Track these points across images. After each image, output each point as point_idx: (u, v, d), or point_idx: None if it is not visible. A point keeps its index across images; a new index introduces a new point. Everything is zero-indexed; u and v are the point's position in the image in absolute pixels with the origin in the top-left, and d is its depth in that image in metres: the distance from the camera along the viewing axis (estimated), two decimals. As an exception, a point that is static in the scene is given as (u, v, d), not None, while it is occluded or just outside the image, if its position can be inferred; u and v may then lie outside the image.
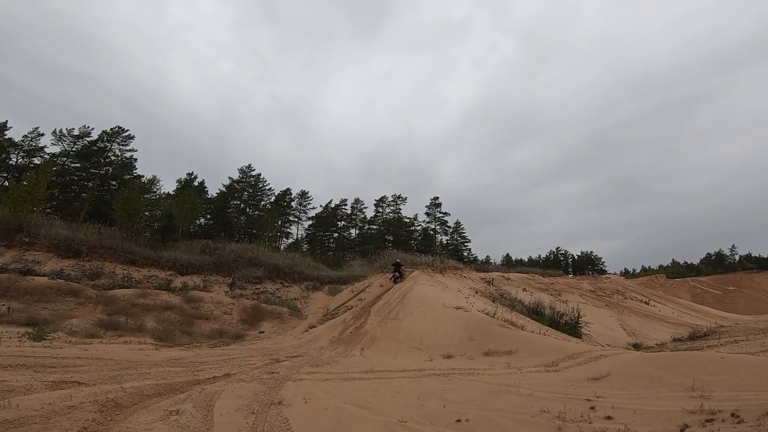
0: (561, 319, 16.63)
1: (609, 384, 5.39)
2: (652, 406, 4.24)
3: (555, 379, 6.23)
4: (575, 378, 6.07)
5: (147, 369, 6.28)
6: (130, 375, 5.68)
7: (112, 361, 6.85)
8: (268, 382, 5.85)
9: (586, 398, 4.79)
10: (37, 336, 9.52)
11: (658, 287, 46.63)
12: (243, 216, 45.53)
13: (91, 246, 19.50)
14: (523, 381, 6.23)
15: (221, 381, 5.80)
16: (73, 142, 39.62)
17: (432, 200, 53.96)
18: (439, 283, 19.77)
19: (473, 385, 6.11)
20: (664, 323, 24.80)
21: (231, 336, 14.09)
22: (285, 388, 5.43)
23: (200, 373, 6.30)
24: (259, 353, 9.88)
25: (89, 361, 6.62)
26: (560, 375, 6.56)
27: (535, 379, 6.32)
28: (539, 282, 31.28)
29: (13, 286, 14.07)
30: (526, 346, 9.71)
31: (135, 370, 6.08)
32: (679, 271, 66.46)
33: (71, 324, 12.35)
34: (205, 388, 5.26)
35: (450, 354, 9.97)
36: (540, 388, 5.53)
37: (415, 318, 13.34)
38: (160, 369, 6.37)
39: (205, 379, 5.78)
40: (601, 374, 5.82)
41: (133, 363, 6.88)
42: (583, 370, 6.58)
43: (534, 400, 4.93)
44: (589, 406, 4.44)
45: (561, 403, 4.59)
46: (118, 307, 14.60)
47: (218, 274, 21.25)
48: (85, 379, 5.21)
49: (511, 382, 6.21)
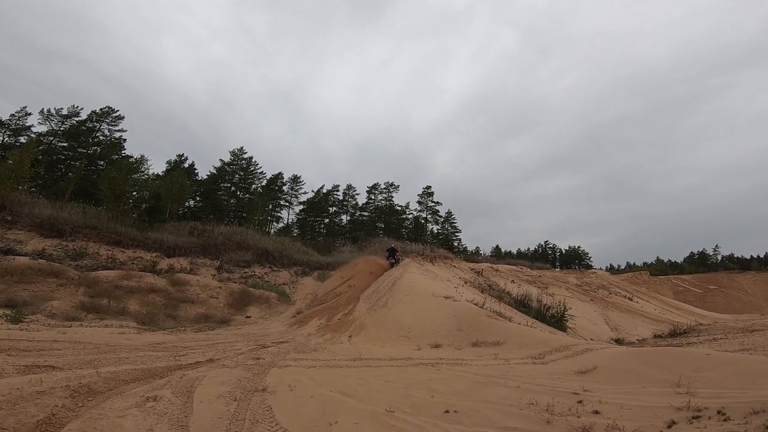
0: (547, 312, 16.75)
1: (596, 378, 5.38)
2: (639, 401, 4.22)
3: (542, 372, 6.21)
4: (562, 371, 6.06)
5: (126, 353, 6.11)
6: (107, 359, 5.51)
7: (90, 344, 6.67)
8: (253, 368, 5.73)
9: (573, 392, 4.77)
10: (15, 318, 9.25)
11: (642, 284, 47.33)
12: (233, 199, 45.01)
13: (75, 226, 19.05)
14: (511, 373, 6.20)
15: (204, 366, 5.66)
16: (61, 121, 38.65)
17: (424, 189, 53.97)
18: (428, 272, 19.76)
19: (461, 376, 6.07)
20: (646, 319, 25.20)
21: (217, 320, 13.92)
22: (270, 375, 5.31)
23: (182, 358, 6.16)
24: (244, 338, 9.75)
25: (66, 344, 6.43)
26: (547, 367, 6.55)
27: (522, 372, 6.30)
28: (527, 274, 31.51)
29: (-8, 266, 13.69)
30: (513, 337, 9.72)
31: (113, 355, 5.92)
32: (662, 268, 67.65)
33: (51, 306, 12.05)
34: (186, 373, 5.12)
35: (438, 343, 9.95)
36: (528, 381, 5.51)
37: (404, 306, 13.31)
38: (141, 353, 6.21)
39: (186, 365, 5.64)
40: (587, 368, 5.81)
41: (113, 347, 6.71)
42: (569, 363, 6.57)
43: (522, 392, 4.90)
44: (577, 399, 4.40)
45: (549, 396, 4.55)
46: (101, 289, 14.29)
47: (206, 256, 20.95)
48: (60, 364, 5.03)
49: (498, 373, 6.18)
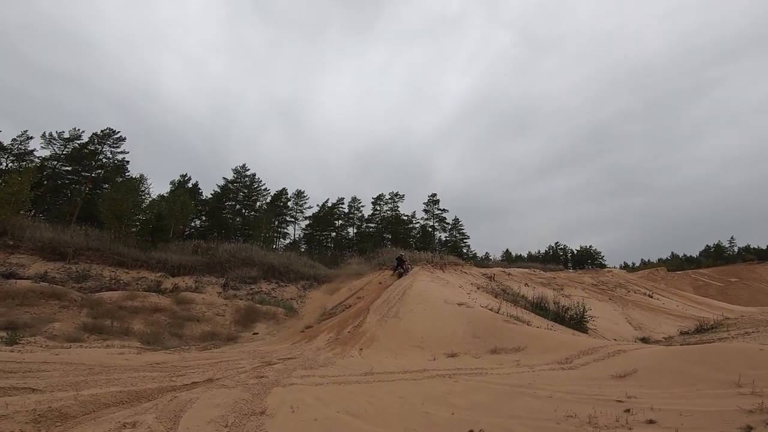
0: (566, 314, 16.05)
1: (638, 382, 4.76)
2: (698, 405, 3.61)
3: (574, 378, 5.59)
4: (597, 376, 5.44)
5: (119, 374, 5.61)
6: (96, 381, 5.01)
7: (83, 365, 6.18)
8: (254, 387, 5.19)
9: (616, 399, 4.16)
10: (9, 340, 8.84)
11: (660, 280, 46.17)
12: (239, 217, 44.84)
13: (78, 248, 18.80)
14: (538, 381, 5.60)
15: (200, 387, 5.13)
16: (63, 145, 38.80)
17: (430, 197, 53.63)
18: (439, 279, 19.13)
19: (483, 387, 5.47)
20: (669, 316, 24.36)
21: (223, 338, 13.40)
22: (271, 395, 4.76)
23: (179, 378, 5.64)
24: (250, 356, 9.22)
25: (57, 365, 5.95)
26: (578, 373, 5.92)
27: (551, 379, 5.68)
28: (541, 277, 30.72)
29: (-7, 290, 13.37)
30: (534, 342, 9.08)
31: (104, 376, 5.42)
32: (679, 263, 66.23)
33: (53, 327, 11.65)
34: (178, 395, 4.59)
35: (454, 352, 9.34)
36: (559, 389, 4.90)
37: (415, 315, 12.73)
38: (135, 374, 5.70)
39: (181, 386, 5.11)
40: (626, 371, 5.19)
41: (107, 368, 6.22)
42: (603, 367, 5.95)
43: (555, 402, 4.30)
44: (623, 408, 3.80)
45: (588, 406, 3.96)
46: (104, 310, 13.89)
47: (211, 274, 20.55)
48: (41, 386, 4.55)
49: (524, 382, 5.57)
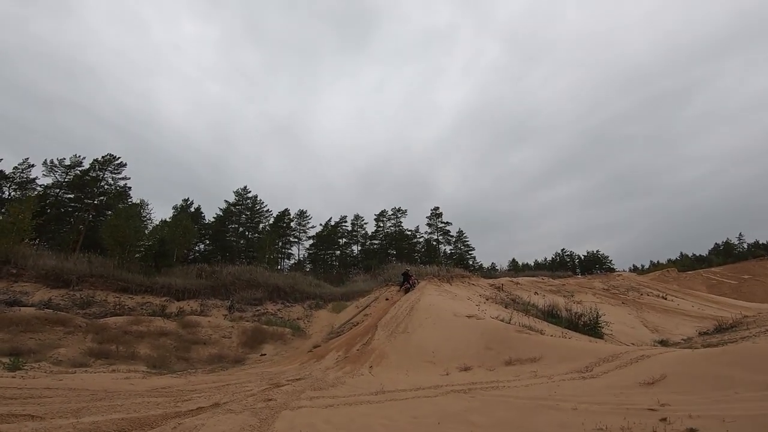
0: (579, 321, 15.67)
1: (669, 388, 4.49)
2: (740, 410, 3.35)
3: (597, 387, 5.31)
4: (623, 384, 5.16)
5: (122, 400, 5.38)
6: (98, 407, 4.79)
7: (86, 391, 5.96)
8: (261, 412, 4.94)
9: (648, 408, 3.90)
10: (13, 366, 8.64)
11: (672, 281, 45.37)
12: (242, 240, 44.64)
13: (81, 275, 18.66)
14: (560, 392, 5.32)
15: (206, 413, 4.89)
16: (65, 172, 38.90)
17: (432, 211, 53.39)
18: (447, 292, 18.83)
19: (502, 402, 5.20)
20: (686, 317, 23.83)
21: (230, 360, 13.11)
22: (279, 420, 4.52)
23: (184, 403, 5.40)
24: (258, 378, 8.94)
25: (59, 391, 5.75)
26: (601, 381, 5.64)
27: (573, 389, 5.41)
28: (550, 284, 30.29)
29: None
30: (550, 351, 8.78)
31: (107, 402, 5.19)
32: (689, 263, 65.16)
33: (58, 353, 11.47)
34: (183, 421, 4.35)
35: (467, 366, 9.05)
36: (584, 400, 4.63)
37: (425, 330, 12.44)
38: (139, 400, 5.47)
39: (186, 411, 4.87)
40: (654, 378, 4.92)
41: (111, 393, 5.99)
42: (627, 373, 5.67)
43: (582, 414, 4.03)
44: (658, 417, 3.54)
45: (619, 417, 3.70)
46: (110, 335, 13.66)
47: (216, 297, 20.32)
48: (41, 413, 4.34)
49: (545, 394, 5.30)
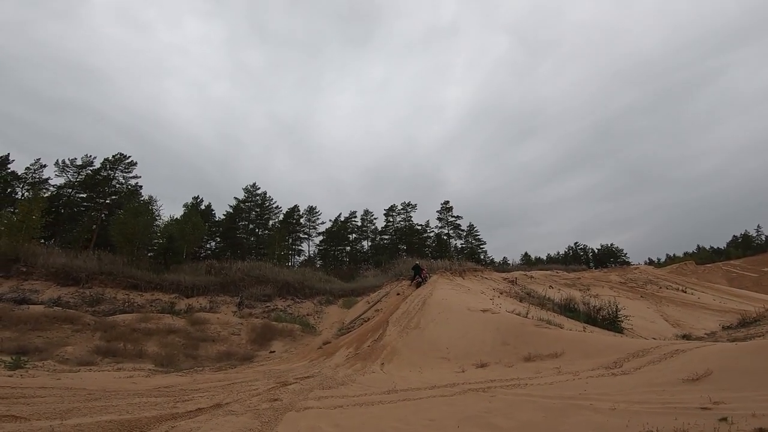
0: (598, 315, 15.13)
1: (718, 385, 4.00)
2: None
3: (633, 385, 4.83)
4: (662, 381, 4.67)
5: (119, 400, 5.05)
6: (90, 408, 4.46)
7: (83, 391, 5.66)
8: (265, 413, 4.56)
9: (700, 407, 3.42)
10: (14, 364, 8.43)
11: (690, 274, 44.20)
12: (252, 237, 44.59)
13: (91, 273, 18.56)
14: (590, 390, 4.85)
15: (205, 414, 4.52)
16: (77, 172, 39.18)
17: (443, 204, 52.71)
18: (460, 286, 18.36)
19: (526, 402, 4.75)
20: (707, 311, 23.04)
21: (239, 358, 12.82)
22: (283, 423, 4.13)
23: (183, 404, 5.04)
24: (265, 376, 8.60)
25: (54, 391, 5.46)
26: (636, 378, 5.15)
27: (605, 387, 4.93)
28: (565, 278, 29.65)
29: (6, 316, 13.15)
30: (572, 346, 8.28)
31: (102, 402, 4.86)
32: (707, 256, 63.64)
33: (65, 351, 11.30)
34: (177, 425, 3.99)
35: (484, 362, 8.60)
36: (622, 398, 4.16)
37: (438, 325, 12.01)
38: (137, 400, 5.14)
39: (184, 413, 4.51)
40: (697, 373, 4.42)
41: (109, 393, 5.67)
42: (663, 370, 5.17)
43: (623, 415, 3.57)
44: (716, 416, 3.06)
45: (669, 417, 3.24)
46: (118, 332, 13.48)
47: (225, 294, 20.10)
48: (26, 413, 4.05)
49: (574, 392, 4.84)
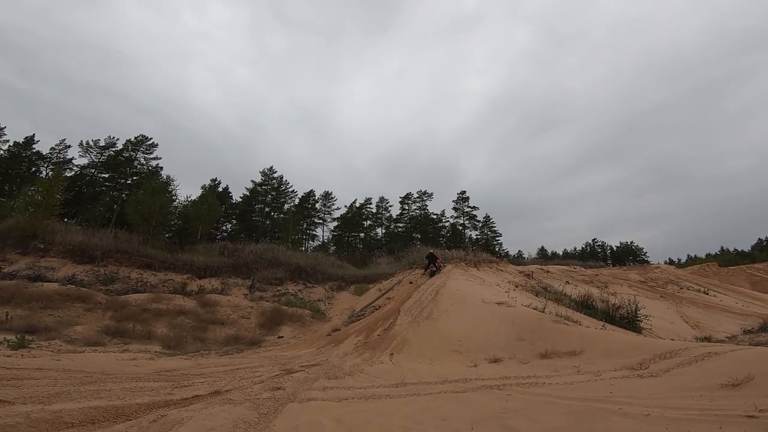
0: (617, 313, 14.58)
1: (761, 391, 3.53)
2: None
3: (665, 388, 4.40)
4: (697, 385, 4.23)
5: (115, 384, 4.85)
6: (81, 393, 4.25)
7: (81, 373, 5.48)
8: (264, 404, 4.28)
9: (744, 414, 3.00)
10: (17, 344, 8.38)
11: (712, 276, 42.94)
12: (268, 220, 44.81)
13: (106, 250, 18.73)
14: (617, 393, 4.45)
15: (200, 402, 4.27)
16: (99, 153, 39.89)
17: (459, 194, 52.10)
18: (474, 278, 17.93)
19: (546, 403, 4.36)
20: (729, 314, 22.30)
21: (247, 342, 12.71)
22: (282, 416, 3.84)
23: (181, 390, 4.82)
24: (271, 362, 8.39)
25: (50, 373, 5.27)
26: (666, 382, 4.72)
27: (633, 390, 4.52)
28: (582, 274, 28.94)
29: (19, 293, 13.22)
30: (592, 344, 7.82)
31: (96, 386, 4.66)
32: (731, 258, 61.78)
33: (74, 331, 11.29)
34: (168, 413, 3.73)
35: (497, 357, 8.22)
36: (654, 403, 3.74)
37: (451, 316, 11.65)
38: (133, 384, 4.93)
39: (179, 400, 4.27)
40: (737, 378, 3.96)
41: (107, 376, 5.50)
42: (696, 373, 4.72)
43: (659, 422, 3.16)
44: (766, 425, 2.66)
45: (712, 426, 2.83)
46: (129, 312, 13.51)
47: (237, 276, 20.11)
48: (13, 397, 3.84)
49: (599, 395, 4.44)
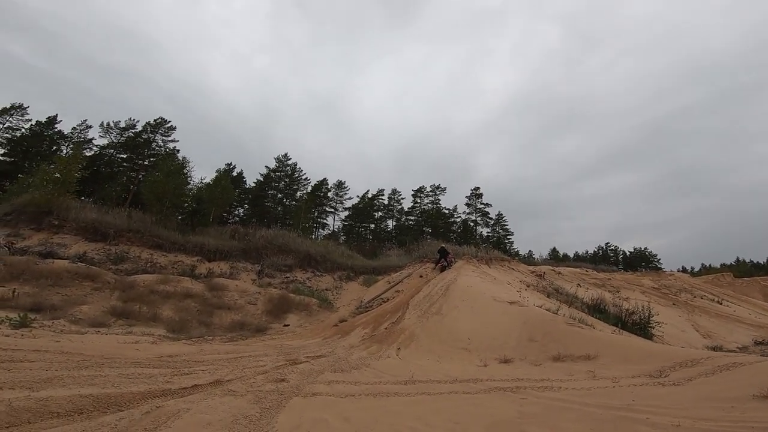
0: (629, 318, 14.20)
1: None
2: None
3: (691, 398, 4.08)
4: (727, 396, 3.91)
5: (111, 370, 4.69)
6: (74, 378, 4.08)
7: (79, 357, 5.34)
8: (267, 397, 4.08)
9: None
10: (20, 323, 8.31)
11: (726, 286, 42.04)
12: (280, 206, 44.88)
13: (119, 229, 18.77)
14: (640, 401, 4.15)
15: (200, 393, 4.08)
16: (119, 134, 40.40)
17: (473, 190, 51.52)
18: (486, 275, 17.62)
19: (565, 409, 4.09)
20: (741, 324, 21.84)
21: (252, 329, 12.59)
22: (286, 411, 3.62)
23: (182, 378, 4.64)
24: (275, 351, 8.24)
25: (47, 355, 5.12)
26: (693, 391, 4.40)
27: (657, 398, 4.21)
28: (594, 277, 28.42)
29: (29, 270, 13.20)
30: (607, 349, 7.54)
31: (91, 371, 4.50)
32: (746, 270, 60.31)
33: (79, 310, 11.24)
34: (164, 404, 3.54)
35: (507, 358, 7.98)
36: (682, 414, 3.44)
37: (461, 313, 11.40)
38: (131, 370, 4.77)
39: (178, 389, 4.08)
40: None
41: (105, 360, 5.35)
42: (724, 383, 4.40)
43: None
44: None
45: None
46: (136, 293, 13.48)
47: (247, 261, 20.04)
48: (2, 381, 3.68)
49: (621, 402, 4.15)
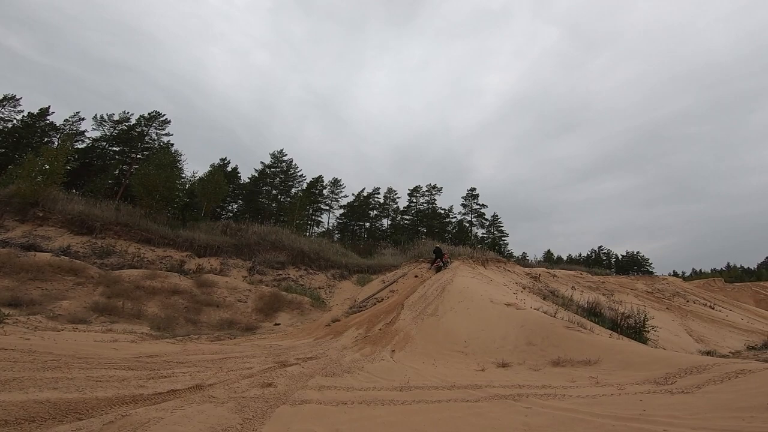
0: (624, 322, 14.03)
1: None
2: None
3: (708, 407, 3.75)
4: (742, 405, 3.58)
5: (80, 372, 4.29)
6: (35, 380, 3.67)
7: (48, 356, 4.93)
8: (251, 405, 3.70)
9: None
10: (-7, 319, 7.88)
11: (718, 291, 42.34)
12: (274, 203, 44.36)
13: (106, 222, 18.23)
14: (652, 411, 3.83)
15: (176, 399, 3.70)
16: (113, 126, 39.66)
17: (469, 191, 51.25)
18: (482, 276, 17.34)
19: (574, 420, 3.76)
20: (733, 330, 22.01)
21: (241, 327, 12.18)
22: (271, 422, 3.25)
23: (157, 381, 4.25)
24: (264, 352, 7.85)
25: (13, 355, 4.71)
26: (705, 400, 4.08)
27: (669, 408, 3.89)
28: (588, 280, 28.32)
29: (9, 262, 12.67)
30: (609, 354, 7.24)
31: (56, 373, 4.09)
32: (737, 275, 60.99)
33: (60, 306, 10.76)
34: (131, 413, 3.15)
35: (506, 362, 7.67)
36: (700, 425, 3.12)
37: (457, 315, 11.10)
38: (101, 372, 4.37)
39: (150, 395, 3.70)
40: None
41: (76, 360, 4.94)
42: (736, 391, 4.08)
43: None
44: None
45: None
46: (121, 289, 12.99)
47: (238, 257, 19.57)
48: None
49: (632, 412, 3.83)
